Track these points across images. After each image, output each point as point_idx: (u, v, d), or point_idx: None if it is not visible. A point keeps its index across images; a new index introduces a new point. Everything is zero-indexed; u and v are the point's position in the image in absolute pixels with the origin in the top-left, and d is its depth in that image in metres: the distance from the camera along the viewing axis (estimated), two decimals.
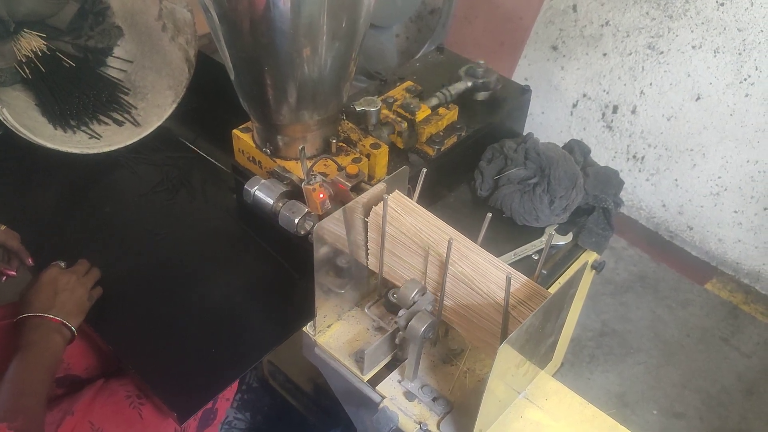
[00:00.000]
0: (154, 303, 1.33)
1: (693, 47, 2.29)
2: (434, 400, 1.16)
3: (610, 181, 1.58)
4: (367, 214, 1.16)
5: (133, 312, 1.32)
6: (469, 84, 1.64)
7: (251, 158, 1.44)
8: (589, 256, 1.56)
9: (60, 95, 1.66)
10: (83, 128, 1.65)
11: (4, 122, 1.44)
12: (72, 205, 1.56)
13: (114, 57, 1.79)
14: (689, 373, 2.24)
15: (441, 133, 1.52)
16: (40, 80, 1.66)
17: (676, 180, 2.56)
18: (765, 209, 2.38)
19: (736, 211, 2.46)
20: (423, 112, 1.52)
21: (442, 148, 1.51)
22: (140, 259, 1.43)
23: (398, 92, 1.60)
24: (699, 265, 2.62)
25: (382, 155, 1.41)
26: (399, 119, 1.50)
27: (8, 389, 1.07)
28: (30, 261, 1.31)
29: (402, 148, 1.50)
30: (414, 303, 1.11)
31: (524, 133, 1.71)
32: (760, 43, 2.15)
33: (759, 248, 2.46)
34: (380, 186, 1.16)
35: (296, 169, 1.37)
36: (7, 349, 1.15)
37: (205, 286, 1.37)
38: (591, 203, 1.56)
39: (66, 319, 1.19)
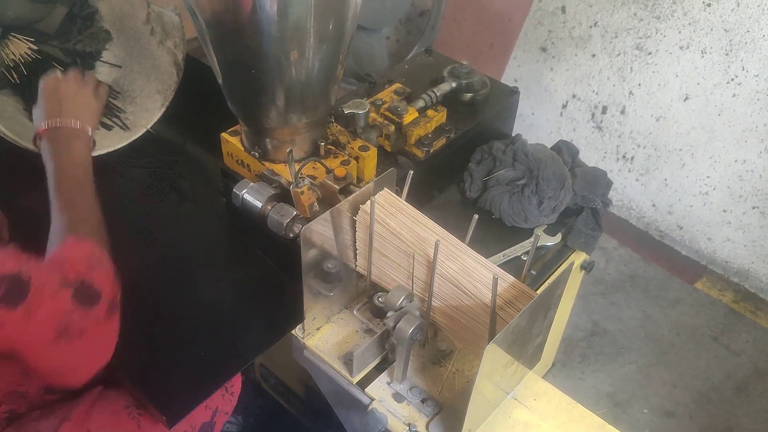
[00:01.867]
0: (144, 306, 1.33)
1: (680, 48, 2.31)
2: (423, 401, 1.17)
3: (599, 181, 1.59)
4: (355, 215, 1.16)
5: (122, 315, 1.31)
6: (454, 84, 1.65)
7: (240, 161, 1.44)
8: (579, 257, 1.57)
9: None
10: None
11: None
12: None
13: (102, 61, 1.79)
14: (679, 371, 2.25)
15: (429, 135, 1.53)
16: (28, 85, 1.66)
17: (666, 180, 2.57)
18: (753, 208, 2.39)
19: (724, 210, 2.47)
20: (410, 115, 1.52)
21: (431, 150, 1.51)
22: (130, 263, 1.41)
23: (387, 95, 1.60)
24: (689, 264, 2.63)
25: (371, 158, 1.41)
26: (386, 122, 1.51)
27: (59, 213, 1.11)
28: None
29: (390, 150, 1.51)
30: (401, 308, 1.12)
31: (513, 134, 1.72)
32: (746, 43, 2.16)
33: (748, 247, 2.48)
34: (368, 187, 1.16)
35: (285, 172, 1.37)
36: None
37: (194, 290, 1.37)
38: (579, 204, 1.57)
39: (80, 122, 1.18)
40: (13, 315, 0.91)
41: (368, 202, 1.13)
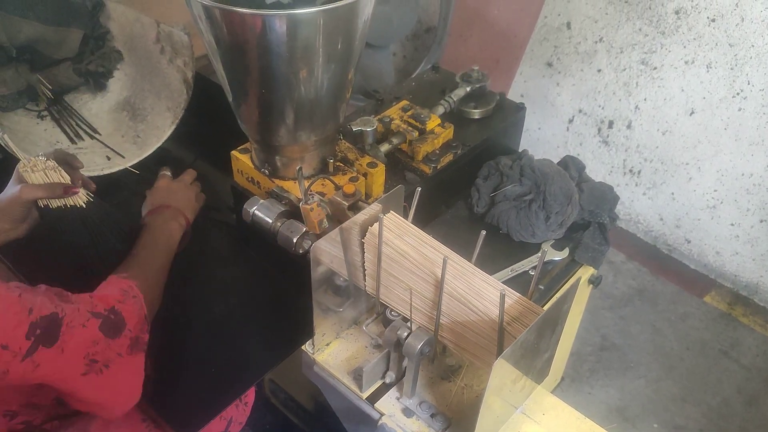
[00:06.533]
0: (154, 322, 1.34)
1: (686, 62, 2.32)
2: (432, 416, 1.17)
3: (605, 196, 1.60)
4: (363, 236, 1.17)
5: None
6: (468, 89, 1.69)
7: (250, 178, 1.46)
8: (586, 271, 1.57)
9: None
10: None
11: (5, 147, 1.46)
12: None
13: (114, 80, 1.82)
14: (689, 386, 2.24)
15: (437, 151, 1.54)
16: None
17: (673, 193, 2.57)
18: (761, 221, 2.39)
19: (732, 224, 2.47)
20: (433, 122, 1.56)
21: (438, 166, 1.52)
22: None
23: (394, 111, 1.62)
24: (697, 278, 2.63)
25: (379, 174, 1.43)
26: (410, 128, 1.54)
27: (129, 260, 1.22)
28: (93, 186, 1.34)
29: (412, 155, 1.55)
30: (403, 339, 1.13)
31: (520, 150, 1.73)
32: (751, 57, 2.17)
33: (756, 260, 2.47)
34: (375, 206, 1.17)
35: (294, 189, 1.39)
36: None
37: (205, 306, 1.38)
38: (586, 219, 1.58)
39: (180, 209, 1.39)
40: (49, 353, 0.95)
41: (376, 224, 1.14)
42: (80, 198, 1.27)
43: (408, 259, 1.13)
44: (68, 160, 1.29)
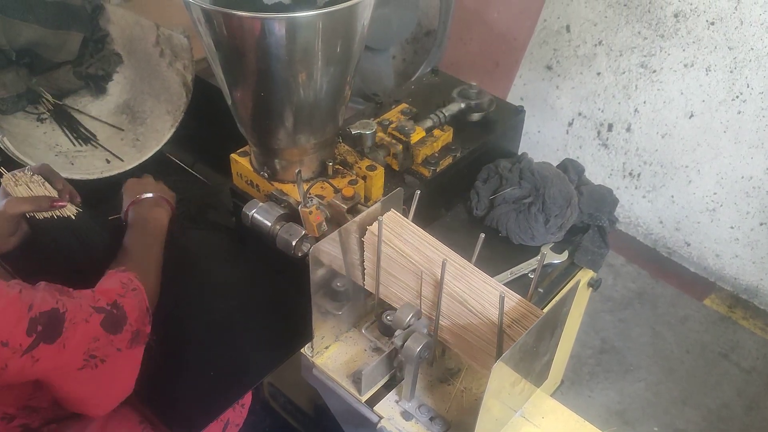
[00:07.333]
0: (154, 325, 1.34)
1: (685, 66, 2.32)
2: (431, 419, 1.17)
3: (605, 199, 1.60)
4: (362, 235, 1.17)
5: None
6: (462, 105, 1.65)
7: (249, 181, 1.46)
8: (586, 274, 1.57)
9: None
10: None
11: (5, 150, 1.46)
12: None
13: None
14: (689, 389, 2.24)
15: (436, 154, 1.54)
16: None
17: (673, 196, 2.57)
18: (761, 224, 2.39)
19: (732, 227, 2.47)
20: (418, 135, 1.54)
21: (438, 169, 1.52)
22: None
23: (393, 115, 1.62)
24: (697, 281, 2.62)
25: (378, 177, 1.43)
26: (394, 141, 1.52)
27: (123, 254, 1.23)
28: (78, 199, 1.34)
29: (397, 170, 1.52)
30: (409, 326, 1.12)
31: (519, 153, 1.73)
32: (750, 60, 2.17)
33: (756, 263, 2.47)
34: (375, 207, 1.17)
35: (293, 192, 1.39)
36: None
37: (203, 309, 1.38)
38: (586, 222, 1.58)
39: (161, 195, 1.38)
40: (50, 349, 0.96)
41: (375, 223, 1.14)
42: (68, 210, 1.27)
43: (408, 259, 1.13)
44: (51, 178, 1.30)
